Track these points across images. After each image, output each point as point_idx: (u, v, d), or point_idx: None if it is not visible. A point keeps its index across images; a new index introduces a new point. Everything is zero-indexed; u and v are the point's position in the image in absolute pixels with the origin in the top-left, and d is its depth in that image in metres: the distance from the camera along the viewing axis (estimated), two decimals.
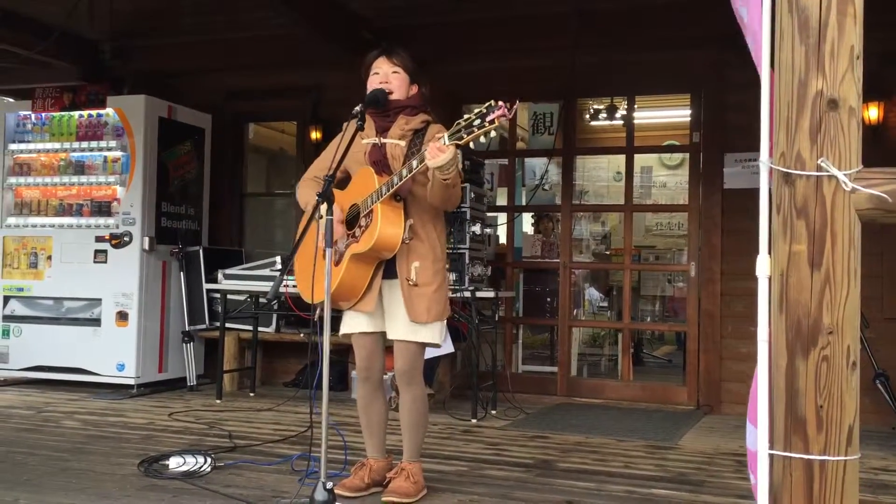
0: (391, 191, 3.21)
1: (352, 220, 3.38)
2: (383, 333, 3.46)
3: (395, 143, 3.37)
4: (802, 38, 1.74)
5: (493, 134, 2.92)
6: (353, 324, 3.46)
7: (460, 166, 3.26)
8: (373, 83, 3.42)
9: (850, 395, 1.72)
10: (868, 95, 5.00)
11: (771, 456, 1.76)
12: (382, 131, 3.41)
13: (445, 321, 3.46)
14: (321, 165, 3.55)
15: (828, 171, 1.71)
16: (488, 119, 2.90)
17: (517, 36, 6.23)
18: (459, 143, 2.99)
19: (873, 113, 5.47)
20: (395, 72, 3.43)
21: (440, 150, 3.02)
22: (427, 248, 3.35)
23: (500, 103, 2.89)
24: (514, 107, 2.89)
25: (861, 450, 1.75)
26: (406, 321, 3.34)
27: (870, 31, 1.79)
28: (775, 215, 1.77)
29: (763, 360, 1.79)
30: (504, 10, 6.17)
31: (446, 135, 3.03)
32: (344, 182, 3.51)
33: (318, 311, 3.26)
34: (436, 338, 3.40)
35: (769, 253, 1.79)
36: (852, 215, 1.71)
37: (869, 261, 1.76)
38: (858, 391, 1.73)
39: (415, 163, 3.14)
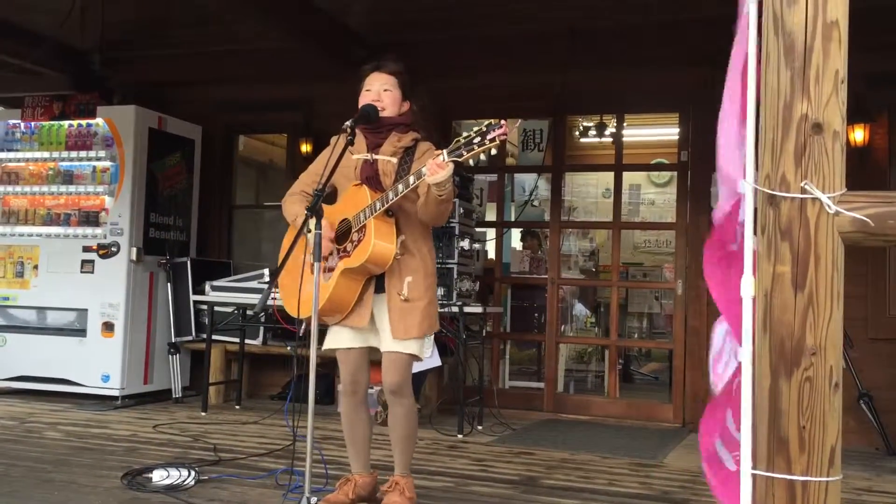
0: (386, 206, 3.22)
1: (342, 236, 3.38)
2: (369, 349, 3.46)
3: (387, 160, 3.38)
4: (788, 62, 1.76)
5: (493, 152, 2.94)
6: (338, 339, 3.46)
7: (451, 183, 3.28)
8: (364, 99, 3.42)
9: (833, 416, 1.73)
10: (853, 118, 5.06)
11: (753, 476, 1.77)
12: (374, 147, 3.41)
13: (432, 337, 3.47)
14: (308, 180, 3.55)
15: (812, 194, 1.73)
16: (489, 137, 2.92)
17: (508, 53, 6.28)
18: (458, 160, 3.01)
19: (859, 135, 5.52)
20: (386, 89, 3.42)
21: (440, 167, 3.03)
22: (419, 262, 3.35)
23: (502, 122, 2.91)
24: (515, 126, 2.92)
25: (845, 470, 1.76)
26: (406, 336, 3.33)
27: (855, 53, 1.81)
28: (759, 236, 1.79)
29: (747, 380, 1.80)
30: (495, 28, 6.22)
31: (445, 151, 3.04)
32: (331, 197, 3.52)
33: (304, 327, 3.26)
34: (423, 352, 3.41)
35: (753, 274, 1.81)
36: (836, 238, 1.73)
37: (854, 282, 1.79)
38: (841, 412, 1.74)
39: (412, 179, 3.14)
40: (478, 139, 2.94)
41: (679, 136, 6.46)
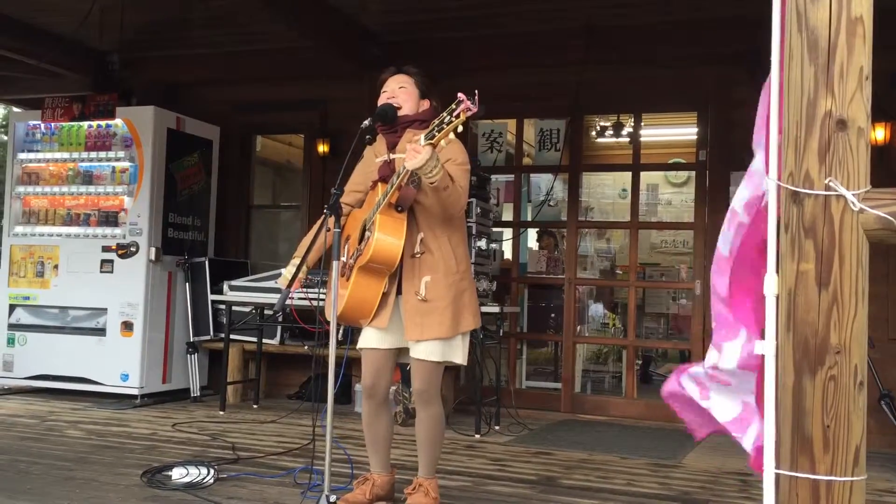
0: (385, 200, 3.22)
1: (362, 236, 3.39)
2: (394, 350, 3.42)
3: (402, 158, 3.38)
4: (811, 58, 1.75)
5: (460, 129, 2.96)
6: (365, 338, 3.43)
7: (464, 182, 3.27)
8: (381, 100, 3.45)
9: (858, 415, 1.71)
10: (875, 116, 5.01)
11: (777, 475, 1.76)
12: (392, 147, 3.42)
13: (468, 335, 3.40)
14: (349, 188, 3.56)
15: (836, 191, 1.72)
16: (455, 114, 2.93)
17: (525, 52, 6.27)
18: (432, 141, 3.00)
19: (880, 134, 5.48)
20: (401, 87, 3.44)
21: (416, 151, 3.01)
22: (438, 260, 3.29)
23: (462, 97, 2.91)
24: (476, 98, 2.90)
25: (866, 471, 1.75)
26: (421, 338, 3.29)
27: (877, 51, 1.80)
28: (783, 234, 1.78)
29: (770, 379, 1.79)
30: (512, 26, 6.21)
31: (422, 136, 3.03)
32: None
33: (341, 330, 3.26)
34: (453, 355, 3.32)
35: (777, 272, 1.79)
36: (860, 235, 1.72)
37: (875, 281, 1.77)
38: (866, 411, 1.73)
39: (401, 168, 3.15)
40: (447, 118, 2.95)
41: (697, 135, 6.43)
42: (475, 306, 3.42)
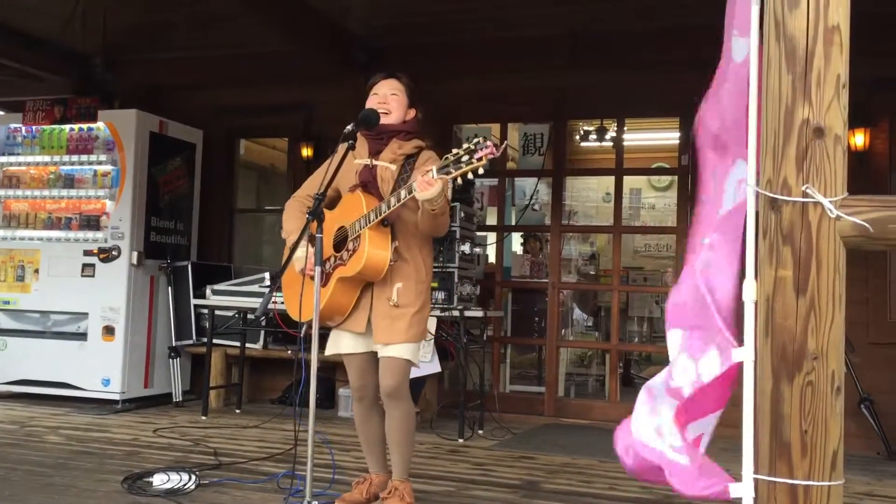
0: (380, 218, 3.24)
1: (339, 243, 3.40)
2: (373, 352, 3.46)
3: (385, 167, 3.39)
4: (789, 67, 1.76)
5: (481, 171, 2.94)
6: (340, 344, 3.47)
7: (449, 194, 3.28)
8: (370, 103, 3.46)
9: (835, 420, 1.73)
10: (854, 122, 5.07)
11: (755, 480, 1.77)
12: (375, 153, 3.43)
13: (432, 342, 3.47)
14: (312, 184, 3.57)
15: (813, 198, 1.73)
16: (476, 157, 2.92)
17: (509, 57, 6.28)
18: (446, 177, 3.01)
19: (859, 140, 5.52)
20: (393, 94, 3.46)
21: (429, 184, 3.03)
22: (411, 269, 3.36)
23: (489, 143, 2.91)
24: (503, 146, 2.89)
25: (846, 475, 1.76)
26: (390, 342, 3.34)
27: (856, 58, 1.81)
28: (761, 240, 1.79)
29: (748, 385, 1.80)
30: (497, 32, 6.22)
31: (434, 168, 3.04)
32: (334, 202, 3.53)
33: (305, 328, 3.27)
34: (415, 357, 3.42)
35: (755, 278, 1.81)
36: (837, 242, 1.73)
37: (855, 286, 1.79)
38: (843, 416, 1.74)
39: (403, 192, 3.16)
40: (466, 157, 2.94)
41: (680, 140, 6.46)
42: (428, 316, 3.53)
